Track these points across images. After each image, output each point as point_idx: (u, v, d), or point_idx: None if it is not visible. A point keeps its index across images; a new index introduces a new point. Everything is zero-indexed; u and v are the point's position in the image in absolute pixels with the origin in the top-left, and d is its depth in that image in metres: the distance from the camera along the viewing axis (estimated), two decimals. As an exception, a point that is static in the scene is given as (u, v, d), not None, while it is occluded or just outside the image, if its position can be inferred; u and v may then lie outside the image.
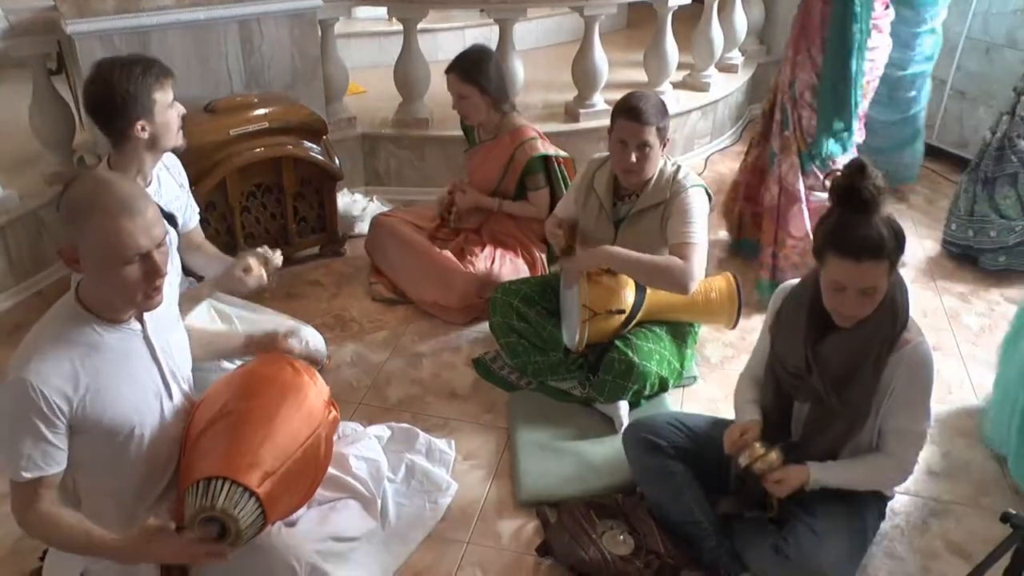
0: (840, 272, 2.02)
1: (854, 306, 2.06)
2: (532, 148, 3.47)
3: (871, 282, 2.01)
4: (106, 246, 1.79)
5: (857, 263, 1.99)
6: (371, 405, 3.03)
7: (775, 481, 2.16)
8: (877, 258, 1.98)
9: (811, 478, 2.16)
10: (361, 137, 4.40)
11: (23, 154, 3.87)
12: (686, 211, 2.81)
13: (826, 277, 2.07)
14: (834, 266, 2.03)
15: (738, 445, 2.23)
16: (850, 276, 2.01)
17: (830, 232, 2.04)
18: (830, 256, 2.03)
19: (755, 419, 2.31)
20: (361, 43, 5.35)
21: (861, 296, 2.03)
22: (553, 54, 5.67)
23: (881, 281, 2.02)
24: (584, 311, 2.84)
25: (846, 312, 2.08)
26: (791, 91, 3.42)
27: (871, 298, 2.04)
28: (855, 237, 1.99)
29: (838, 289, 2.05)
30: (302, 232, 3.87)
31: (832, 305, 2.09)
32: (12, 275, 3.55)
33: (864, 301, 2.04)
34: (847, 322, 2.10)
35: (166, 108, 2.59)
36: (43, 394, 1.80)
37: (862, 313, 2.07)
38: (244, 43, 3.69)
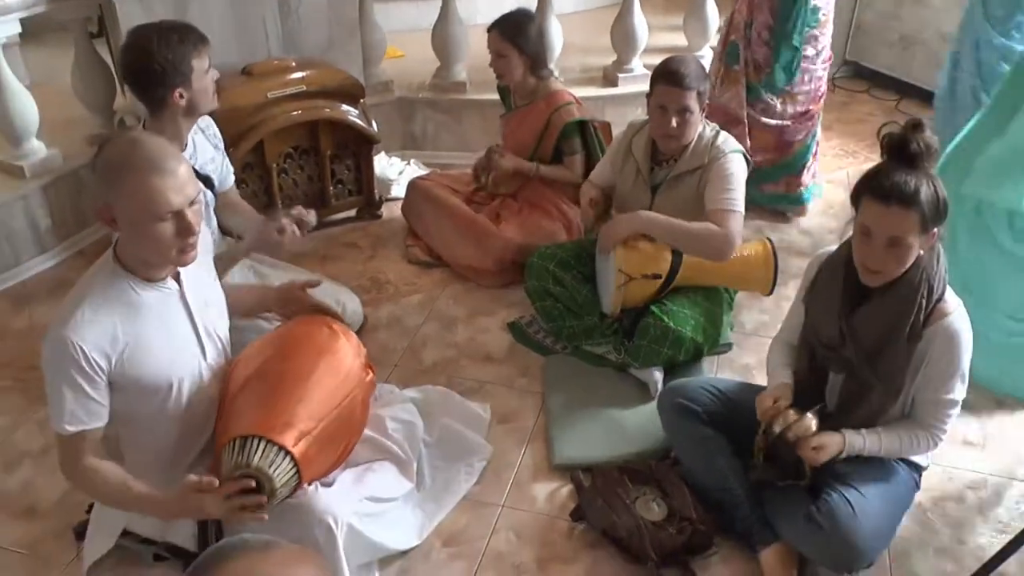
0: (870, 216, 2.01)
1: (881, 258, 2.02)
2: (568, 113, 3.45)
3: (898, 230, 1.98)
4: (139, 204, 1.83)
5: (886, 207, 1.96)
6: (406, 367, 3.06)
7: (813, 448, 2.15)
8: (907, 206, 1.96)
9: (846, 445, 2.15)
10: (398, 101, 4.40)
11: (65, 115, 3.92)
12: (725, 177, 2.79)
13: (857, 223, 2.06)
14: (866, 209, 2.02)
15: (771, 413, 2.22)
16: (878, 220, 1.99)
17: (869, 176, 2.04)
18: (864, 199, 2.02)
19: (787, 383, 2.30)
20: (399, 7, 5.32)
21: (888, 248, 2.00)
22: (592, 18, 5.60)
23: (909, 233, 1.98)
24: (620, 276, 2.83)
25: (872, 265, 2.05)
26: (746, 31, 3.70)
27: (898, 251, 2.00)
28: (890, 181, 1.97)
29: (865, 234, 2.03)
30: (339, 195, 3.89)
31: (860, 257, 2.07)
32: (55, 234, 3.63)
33: (891, 254, 2.01)
34: (874, 280, 2.07)
35: (203, 75, 2.60)
36: (83, 350, 1.84)
37: (888, 268, 2.04)
38: (281, 6, 3.69)
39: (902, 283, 2.07)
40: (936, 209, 1.99)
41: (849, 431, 2.16)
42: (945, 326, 2.07)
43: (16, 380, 2.99)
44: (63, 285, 3.43)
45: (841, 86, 5.43)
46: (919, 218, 1.97)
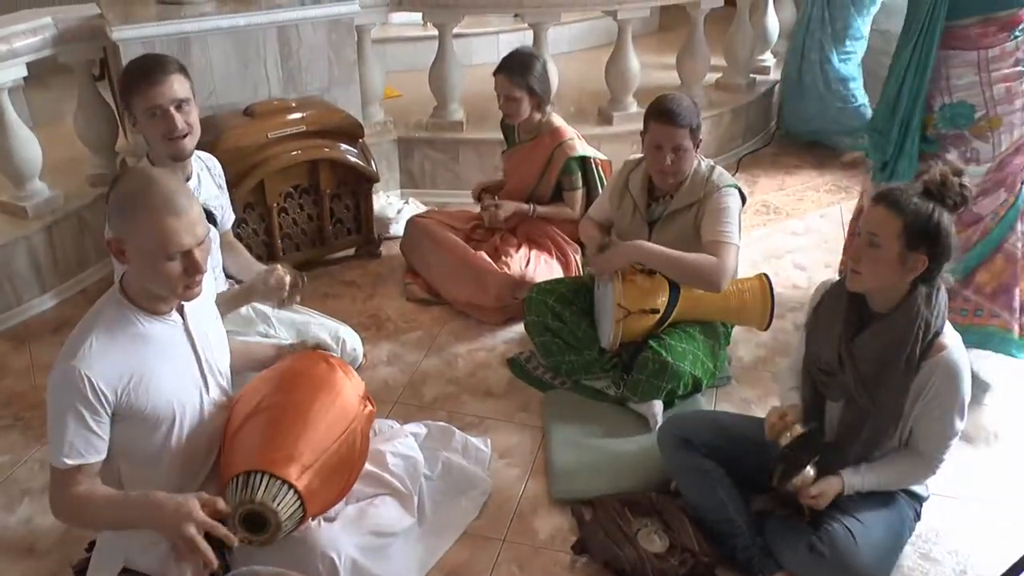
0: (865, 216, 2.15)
1: (858, 253, 2.11)
2: (571, 148, 3.51)
3: (877, 228, 2.07)
4: (150, 242, 1.87)
5: (874, 207, 2.11)
6: (407, 404, 3.07)
7: (812, 496, 2.18)
8: (893, 210, 2.05)
9: (845, 486, 2.18)
10: (396, 140, 4.45)
11: (67, 156, 3.96)
12: (720, 211, 2.84)
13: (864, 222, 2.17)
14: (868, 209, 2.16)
15: (778, 428, 2.25)
16: (865, 218, 2.12)
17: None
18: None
19: (795, 403, 2.34)
20: (396, 48, 5.42)
21: (867, 246, 2.09)
22: (586, 58, 5.70)
23: (888, 236, 2.05)
24: (619, 310, 2.86)
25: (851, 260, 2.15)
26: None
27: (873, 252, 2.07)
28: (889, 189, 2.12)
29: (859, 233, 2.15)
30: (338, 233, 3.92)
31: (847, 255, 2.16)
32: (57, 273, 3.65)
33: (869, 253, 2.09)
34: (854, 283, 2.15)
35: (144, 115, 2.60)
36: (90, 381, 1.86)
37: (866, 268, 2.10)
38: (283, 48, 3.75)
39: (901, 311, 2.12)
40: (923, 230, 2.04)
41: (847, 471, 2.20)
42: (944, 359, 2.11)
43: (16, 419, 3.00)
44: (64, 325, 3.44)
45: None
46: (901, 226, 2.04)
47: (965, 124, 2.84)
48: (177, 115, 2.58)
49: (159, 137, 2.62)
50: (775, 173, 4.88)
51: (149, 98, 2.56)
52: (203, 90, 3.59)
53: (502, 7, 4.51)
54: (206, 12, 3.56)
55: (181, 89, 2.60)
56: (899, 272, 2.08)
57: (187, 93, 2.62)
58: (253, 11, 3.63)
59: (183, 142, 2.63)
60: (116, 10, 3.51)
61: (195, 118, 2.66)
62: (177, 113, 2.58)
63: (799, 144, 5.15)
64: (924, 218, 2.04)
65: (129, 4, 3.62)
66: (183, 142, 2.63)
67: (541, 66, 3.54)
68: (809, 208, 4.47)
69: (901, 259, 2.06)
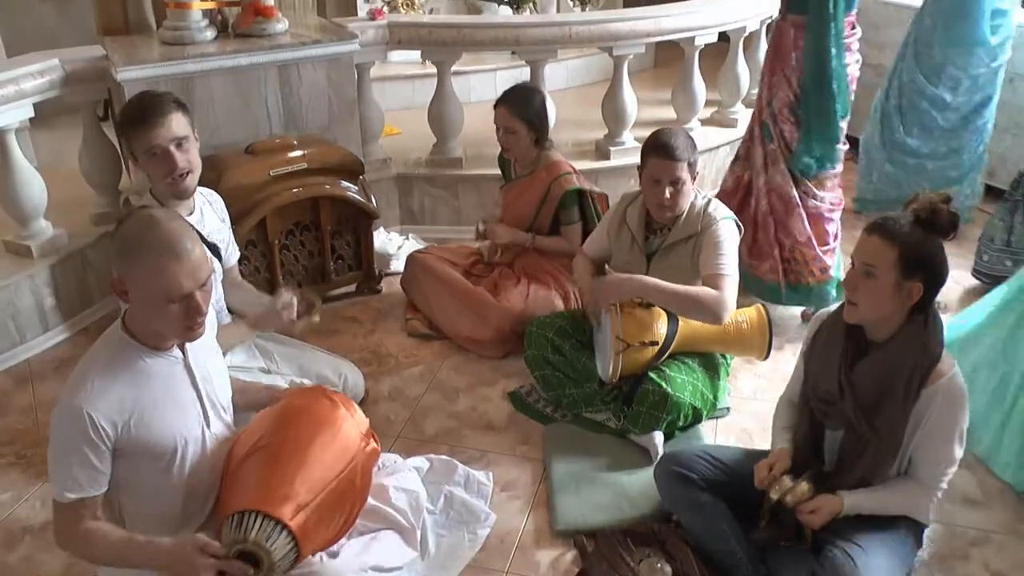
0: (857, 245, 2.16)
1: (855, 283, 2.14)
2: (568, 182, 3.55)
3: (872, 259, 2.10)
4: (152, 284, 1.89)
5: (868, 236, 2.13)
6: (409, 438, 3.08)
7: (809, 512, 2.19)
8: (886, 239, 2.09)
9: (844, 505, 2.19)
10: (396, 177, 4.49)
11: (72, 195, 4.00)
12: (718, 243, 2.87)
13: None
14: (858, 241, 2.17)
15: (767, 481, 2.26)
16: (860, 247, 2.15)
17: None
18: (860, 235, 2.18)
19: (784, 448, 2.35)
20: (395, 86, 5.48)
21: (864, 278, 2.12)
22: (583, 94, 5.77)
23: (882, 265, 2.09)
24: (618, 343, 2.88)
25: (848, 291, 2.17)
26: (770, 108, 3.51)
27: (870, 283, 2.11)
28: (883, 218, 2.14)
29: (853, 264, 2.17)
30: (339, 270, 3.95)
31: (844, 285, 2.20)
32: (60, 312, 3.67)
33: (864, 284, 2.12)
34: (852, 315, 2.17)
35: (144, 153, 2.61)
36: (91, 418, 1.89)
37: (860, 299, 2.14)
38: (283, 87, 3.80)
39: (899, 339, 2.15)
40: (918, 258, 2.08)
41: (846, 492, 2.20)
42: (943, 387, 2.14)
43: (18, 456, 3.01)
44: (67, 363, 3.46)
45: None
46: (896, 256, 2.07)
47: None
48: (178, 153, 2.60)
49: (161, 176, 2.63)
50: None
51: (149, 138, 2.57)
52: (205, 129, 3.63)
53: (500, 45, 4.57)
54: (208, 52, 3.61)
55: (180, 127, 2.60)
56: (895, 301, 2.11)
57: (186, 130, 2.62)
58: (255, 51, 3.69)
59: (185, 181, 2.65)
60: (121, 51, 3.56)
61: (195, 154, 2.67)
62: (177, 151, 2.60)
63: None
64: (919, 247, 2.07)
65: (133, 45, 3.68)
66: (185, 181, 2.65)
67: (540, 101, 3.60)
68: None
69: (897, 288, 2.09)
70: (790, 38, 3.38)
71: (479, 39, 4.45)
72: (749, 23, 4.93)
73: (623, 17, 4.54)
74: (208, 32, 3.71)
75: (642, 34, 4.50)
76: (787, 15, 3.39)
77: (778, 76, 3.46)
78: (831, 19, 3.22)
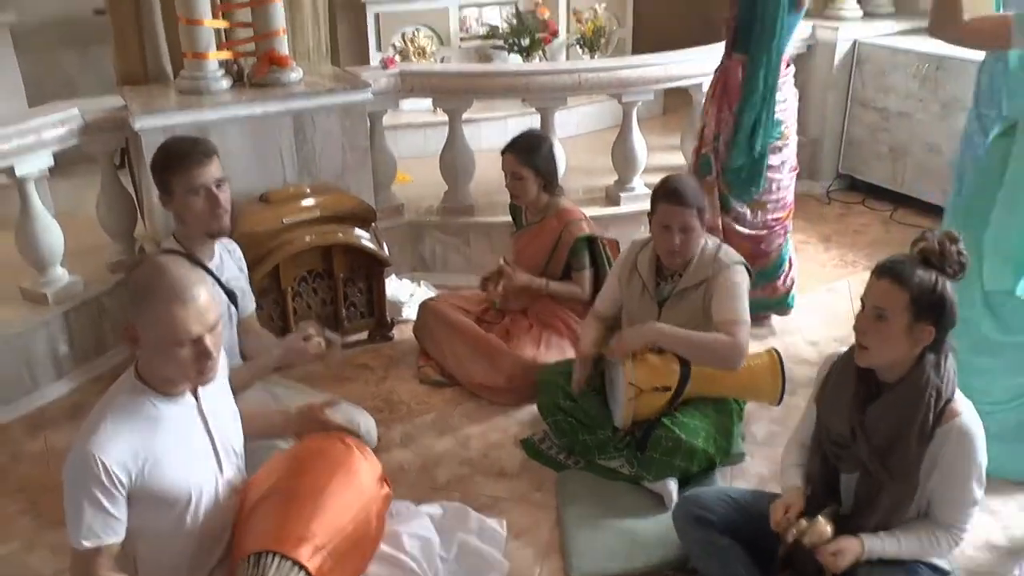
0: (867, 288, 2.16)
1: (865, 327, 2.13)
2: (578, 229, 3.57)
3: (883, 302, 2.09)
4: (160, 330, 1.93)
5: (877, 279, 2.12)
6: (421, 485, 3.07)
7: (831, 554, 2.17)
8: (897, 283, 2.08)
9: (865, 549, 2.16)
10: (408, 224, 4.52)
11: (88, 243, 4.03)
12: (730, 288, 2.88)
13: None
14: (867, 285, 2.17)
15: (783, 524, 2.25)
16: (870, 291, 2.15)
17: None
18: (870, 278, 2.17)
19: (797, 485, 2.35)
20: (407, 133, 5.52)
21: (874, 321, 2.11)
22: (592, 140, 5.80)
23: (894, 309, 2.08)
24: (631, 389, 2.88)
25: (858, 334, 2.16)
26: (715, 143, 3.75)
27: (881, 326, 2.10)
28: (892, 261, 2.14)
29: (861, 307, 2.17)
30: (351, 317, 3.96)
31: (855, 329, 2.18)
32: (74, 359, 3.69)
33: (874, 328, 2.11)
34: (862, 358, 2.17)
35: (185, 193, 2.74)
36: (104, 465, 1.90)
37: (871, 342, 2.13)
38: (298, 135, 3.84)
39: (910, 380, 2.14)
40: (930, 301, 2.08)
41: (867, 535, 2.18)
42: (957, 426, 2.13)
43: (30, 504, 3.01)
44: (80, 410, 3.47)
45: (836, 199, 5.57)
46: (908, 299, 2.07)
47: (777, 136, 3.75)
48: (220, 193, 2.74)
49: (205, 214, 2.74)
50: (781, 251, 4.92)
51: (193, 177, 2.70)
52: (220, 177, 3.69)
53: (510, 93, 4.63)
54: (224, 101, 3.66)
55: (219, 169, 2.77)
56: (907, 344, 2.11)
57: (223, 174, 2.78)
58: (269, 100, 3.73)
59: (225, 219, 2.77)
60: (139, 100, 3.61)
61: (229, 197, 2.80)
62: (219, 191, 2.73)
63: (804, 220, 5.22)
64: (930, 289, 2.08)
65: (151, 95, 3.73)
66: (225, 219, 2.77)
67: (548, 147, 3.63)
68: (816, 283, 4.50)
69: (909, 331, 2.09)
70: (738, 76, 3.65)
71: (490, 87, 4.51)
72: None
73: (632, 64, 4.59)
74: (224, 81, 3.76)
75: (651, 81, 4.56)
76: (732, 55, 3.70)
77: (725, 112, 3.71)
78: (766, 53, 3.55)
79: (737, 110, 3.67)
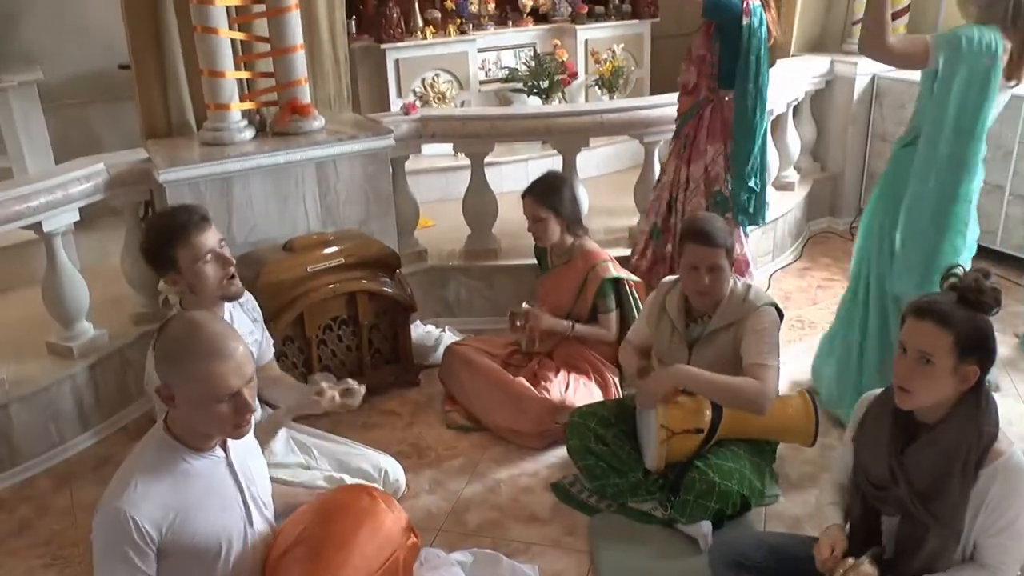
0: (905, 330, 2.10)
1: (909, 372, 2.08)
2: (604, 270, 3.56)
3: (928, 345, 2.04)
4: (200, 387, 1.91)
5: (920, 321, 2.06)
6: (451, 531, 3.03)
7: None
8: (942, 324, 2.03)
9: None
10: (431, 269, 4.51)
11: (112, 295, 4.05)
12: (760, 331, 2.85)
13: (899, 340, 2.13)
14: (905, 326, 2.11)
15: (830, 563, 2.19)
16: (911, 334, 2.08)
17: (915, 300, 2.14)
18: (907, 317, 2.12)
19: (838, 524, 2.30)
20: (429, 178, 5.54)
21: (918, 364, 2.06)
22: (613, 181, 5.80)
23: (939, 351, 2.03)
24: (662, 431, 2.84)
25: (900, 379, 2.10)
26: (726, 179, 3.84)
27: (927, 369, 2.05)
28: (929, 299, 2.09)
29: (902, 349, 2.10)
30: (377, 363, 3.94)
31: (894, 374, 2.12)
32: (99, 411, 3.68)
33: (919, 371, 2.06)
34: (904, 401, 2.11)
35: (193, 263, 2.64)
36: (135, 522, 1.89)
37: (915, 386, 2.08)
38: (320, 183, 3.86)
39: (951, 420, 2.09)
40: (974, 340, 2.04)
41: None
42: (1002, 466, 2.07)
43: (55, 558, 2.98)
44: (106, 463, 3.46)
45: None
46: (953, 340, 2.02)
47: None
48: (227, 253, 2.69)
49: (219, 280, 2.67)
50: (807, 288, 4.88)
51: (198, 245, 2.62)
52: (244, 226, 3.71)
53: (532, 135, 4.64)
54: (247, 151, 3.68)
55: (217, 231, 2.70)
56: (952, 385, 2.06)
57: (221, 235, 2.73)
58: (292, 148, 3.75)
59: (237, 279, 2.72)
60: (163, 153, 3.64)
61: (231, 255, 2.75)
62: (224, 251, 2.68)
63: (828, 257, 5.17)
64: (973, 328, 2.04)
65: (175, 147, 3.76)
66: (237, 279, 2.72)
67: (568, 188, 3.63)
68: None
69: (954, 373, 2.05)
70: (730, 109, 3.77)
71: (512, 130, 4.52)
72: (776, 105, 4.97)
73: (653, 104, 4.58)
74: (247, 132, 3.79)
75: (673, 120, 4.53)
76: (719, 90, 3.78)
77: (717, 144, 3.81)
78: (751, 83, 3.67)
79: (733, 145, 3.79)
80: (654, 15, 6.67)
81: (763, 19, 3.63)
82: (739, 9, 3.59)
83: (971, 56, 2.94)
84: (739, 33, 3.61)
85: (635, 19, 6.65)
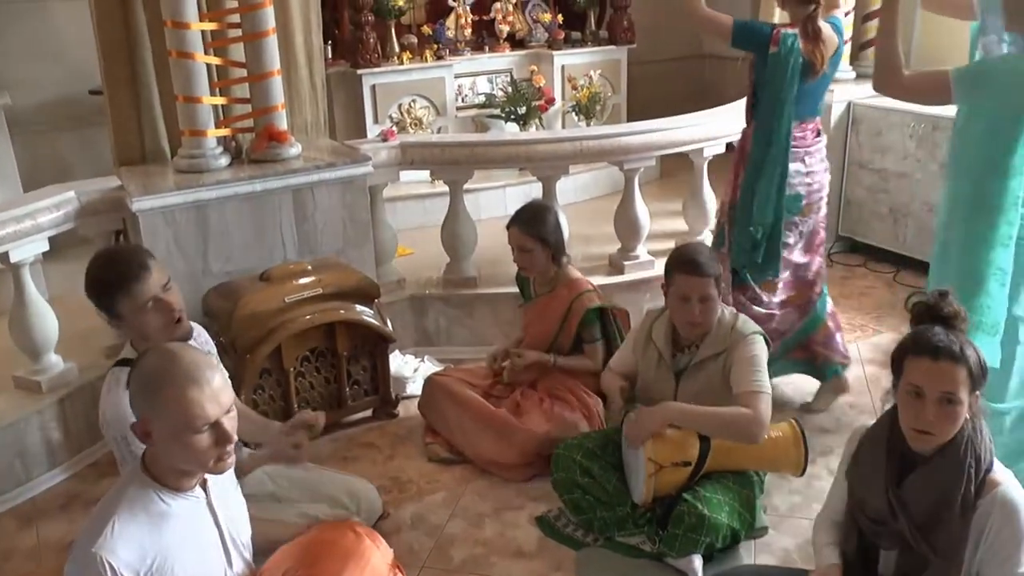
0: (919, 374, 2.03)
1: (933, 418, 2.02)
2: (589, 300, 3.52)
3: (951, 386, 2.00)
4: (176, 418, 1.86)
5: (935, 362, 2.00)
6: (435, 568, 2.96)
7: None
8: (956, 361, 1.99)
9: None
10: (410, 298, 4.44)
11: (82, 328, 3.94)
12: (749, 359, 2.83)
13: (904, 386, 2.07)
14: (914, 369, 2.04)
15: None
16: (930, 377, 2.02)
17: (913, 337, 2.09)
18: (911, 360, 2.06)
19: (835, 563, 2.26)
20: (407, 205, 5.49)
21: (941, 406, 2.01)
22: (591, 207, 5.78)
23: (960, 389, 2.00)
24: (650, 464, 2.80)
25: (924, 425, 2.04)
26: (731, 212, 3.63)
27: (951, 409, 2.01)
28: (936, 338, 2.03)
29: (917, 395, 2.04)
30: (355, 395, 3.86)
31: (909, 420, 2.07)
32: (68, 447, 3.58)
33: (944, 413, 2.02)
34: (925, 444, 2.06)
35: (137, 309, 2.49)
36: (112, 567, 1.83)
37: (941, 429, 2.04)
38: (297, 211, 3.79)
39: (948, 451, 2.07)
40: (980, 369, 2.03)
41: None
42: (1000, 496, 2.06)
43: (22, 602, 2.89)
44: (74, 499, 3.35)
45: (838, 261, 5.53)
46: (967, 374, 2.01)
47: (796, 211, 3.58)
48: (169, 297, 2.51)
49: (162, 326, 2.51)
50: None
51: (140, 294, 2.45)
52: (220, 255, 3.63)
53: (512, 162, 4.61)
54: (223, 179, 3.61)
55: (161, 272, 2.52)
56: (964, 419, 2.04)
57: (167, 274, 2.54)
58: (269, 176, 3.69)
59: (182, 323, 2.56)
60: (136, 181, 3.57)
61: (179, 294, 2.57)
62: (168, 295, 2.51)
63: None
64: (976, 358, 2.03)
65: (148, 175, 3.68)
66: (182, 323, 2.56)
67: (553, 217, 3.58)
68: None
69: (969, 406, 2.03)
70: (748, 140, 3.60)
71: (491, 157, 4.48)
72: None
73: (634, 131, 4.57)
74: (223, 159, 3.73)
75: (653, 147, 4.53)
76: (750, 122, 3.60)
77: (731, 174, 3.66)
78: (775, 120, 3.44)
79: (743, 181, 3.58)
80: (631, 41, 6.68)
81: (794, 49, 3.34)
82: (767, 37, 3.37)
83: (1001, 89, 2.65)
84: (764, 62, 3.41)
85: (612, 45, 6.66)
